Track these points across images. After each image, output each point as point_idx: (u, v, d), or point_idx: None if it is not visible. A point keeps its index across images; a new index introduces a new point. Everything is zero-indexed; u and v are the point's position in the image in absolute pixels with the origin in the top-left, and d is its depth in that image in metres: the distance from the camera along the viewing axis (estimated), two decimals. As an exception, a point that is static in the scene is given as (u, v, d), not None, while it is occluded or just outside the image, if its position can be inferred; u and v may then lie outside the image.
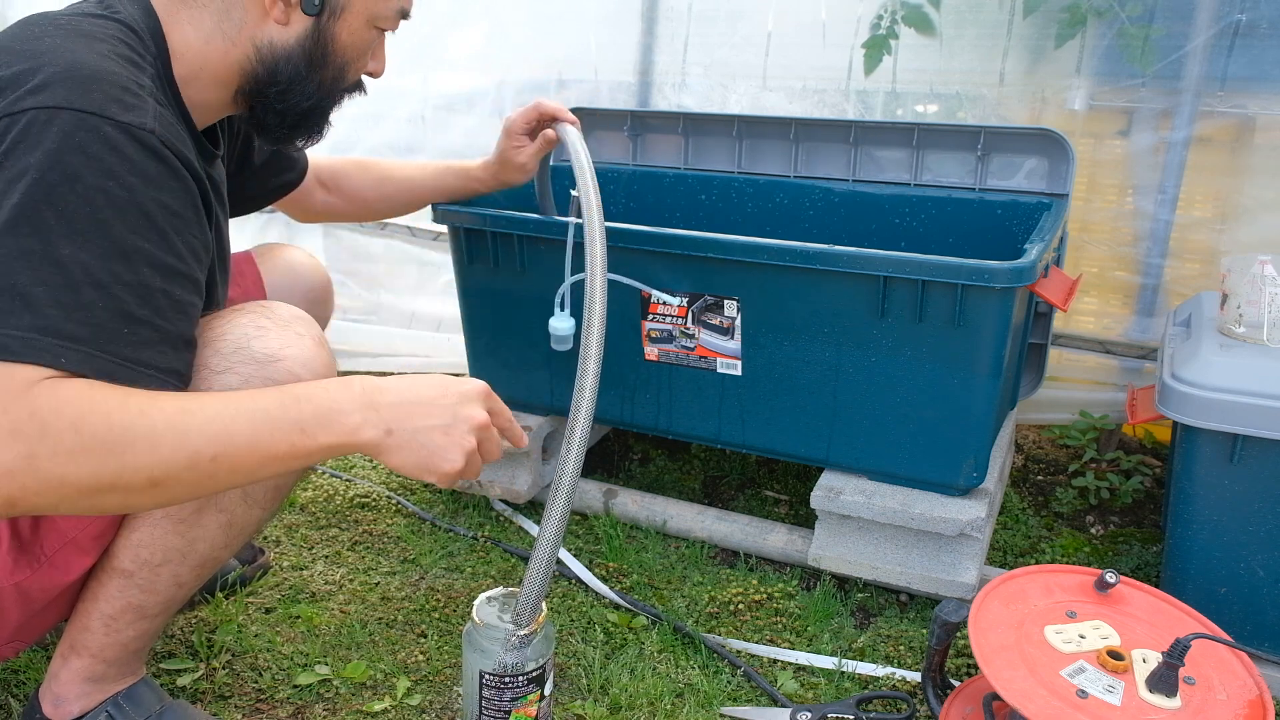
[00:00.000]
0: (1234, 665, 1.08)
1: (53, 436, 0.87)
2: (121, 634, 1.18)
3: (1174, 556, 1.50)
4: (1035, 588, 1.20)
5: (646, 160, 2.21)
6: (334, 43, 1.17)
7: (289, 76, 1.16)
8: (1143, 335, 2.06)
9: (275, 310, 1.16)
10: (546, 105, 1.56)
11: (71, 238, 0.91)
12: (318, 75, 1.18)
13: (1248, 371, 1.37)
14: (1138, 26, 1.93)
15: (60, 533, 1.09)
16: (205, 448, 0.93)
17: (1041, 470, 2.12)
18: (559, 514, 1.18)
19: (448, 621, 1.58)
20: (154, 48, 1.08)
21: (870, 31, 2.14)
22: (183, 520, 1.12)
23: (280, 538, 1.80)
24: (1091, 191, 2.07)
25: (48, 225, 0.91)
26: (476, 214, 1.74)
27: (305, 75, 1.17)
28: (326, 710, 1.38)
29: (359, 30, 1.19)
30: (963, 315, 1.45)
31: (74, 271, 0.91)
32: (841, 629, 1.58)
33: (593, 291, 1.24)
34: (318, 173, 1.64)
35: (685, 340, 1.68)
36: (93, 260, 0.92)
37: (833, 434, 1.64)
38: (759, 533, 1.76)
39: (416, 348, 2.55)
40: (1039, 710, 1.00)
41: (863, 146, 1.98)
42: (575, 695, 1.42)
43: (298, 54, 1.15)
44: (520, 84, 2.46)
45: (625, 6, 2.35)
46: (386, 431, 1.02)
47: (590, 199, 1.32)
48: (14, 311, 0.89)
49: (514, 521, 1.88)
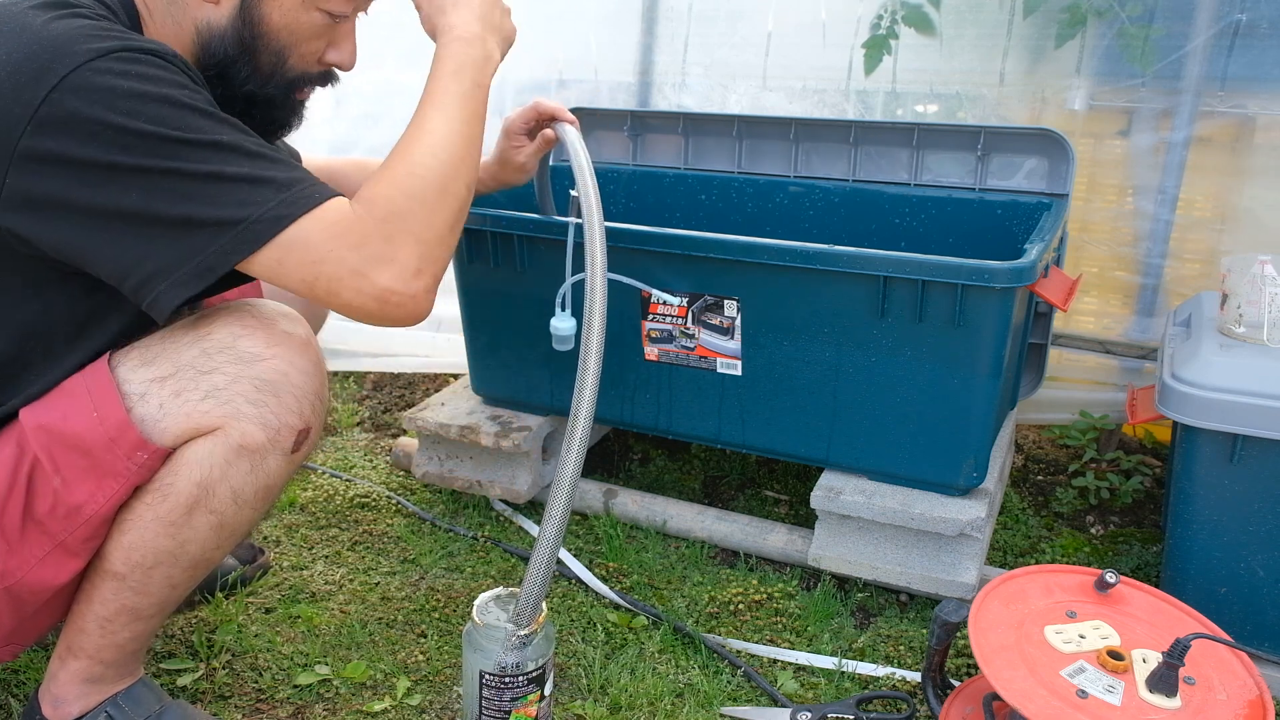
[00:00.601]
0: (1234, 665, 1.08)
1: (393, 203, 1.08)
2: (117, 635, 1.18)
3: (1174, 556, 1.50)
4: (1035, 588, 1.19)
5: (646, 160, 2.21)
6: (264, 23, 1.15)
7: (221, 58, 1.15)
8: (1143, 335, 2.06)
9: (262, 308, 1.16)
10: (545, 105, 1.56)
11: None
12: (251, 59, 1.16)
13: (1248, 371, 1.37)
14: (1138, 26, 1.93)
15: (49, 536, 1.09)
16: (462, 129, 1.16)
17: (1041, 470, 2.12)
18: (559, 514, 1.18)
19: (448, 621, 1.58)
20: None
21: (870, 31, 2.15)
22: (173, 523, 1.12)
23: (280, 538, 1.80)
24: (1091, 191, 2.07)
25: None
26: (476, 214, 1.74)
27: (236, 57, 1.15)
28: (326, 710, 1.38)
29: (293, 12, 1.16)
30: (963, 315, 1.45)
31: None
32: (841, 629, 1.58)
33: (593, 292, 1.24)
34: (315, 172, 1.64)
35: (685, 340, 1.68)
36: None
37: (833, 434, 1.64)
38: (759, 533, 1.76)
39: (416, 348, 2.55)
40: (1039, 710, 1.00)
41: (863, 146, 1.98)
42: (575, 695, 1.42)
43: (230, 35, 1.14)
44: (521, 84, 2.46)
45: (625, 6, 2.35)
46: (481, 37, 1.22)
47: (590, 199, 1.32)
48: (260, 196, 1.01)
49: (514, 521, 1.88)
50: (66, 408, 1.07)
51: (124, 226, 0.99)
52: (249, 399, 1.10)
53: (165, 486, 1.10)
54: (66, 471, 1.07)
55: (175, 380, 1.08)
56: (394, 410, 2.38)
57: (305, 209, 1.02)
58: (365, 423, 2.32)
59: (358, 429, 2.29)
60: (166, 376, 1.09)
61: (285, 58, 1.18)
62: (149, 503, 1.11)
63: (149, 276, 1.01)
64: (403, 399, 2.43)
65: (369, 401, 2.43)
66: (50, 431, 1.06)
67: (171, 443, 1.09)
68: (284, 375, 1.11)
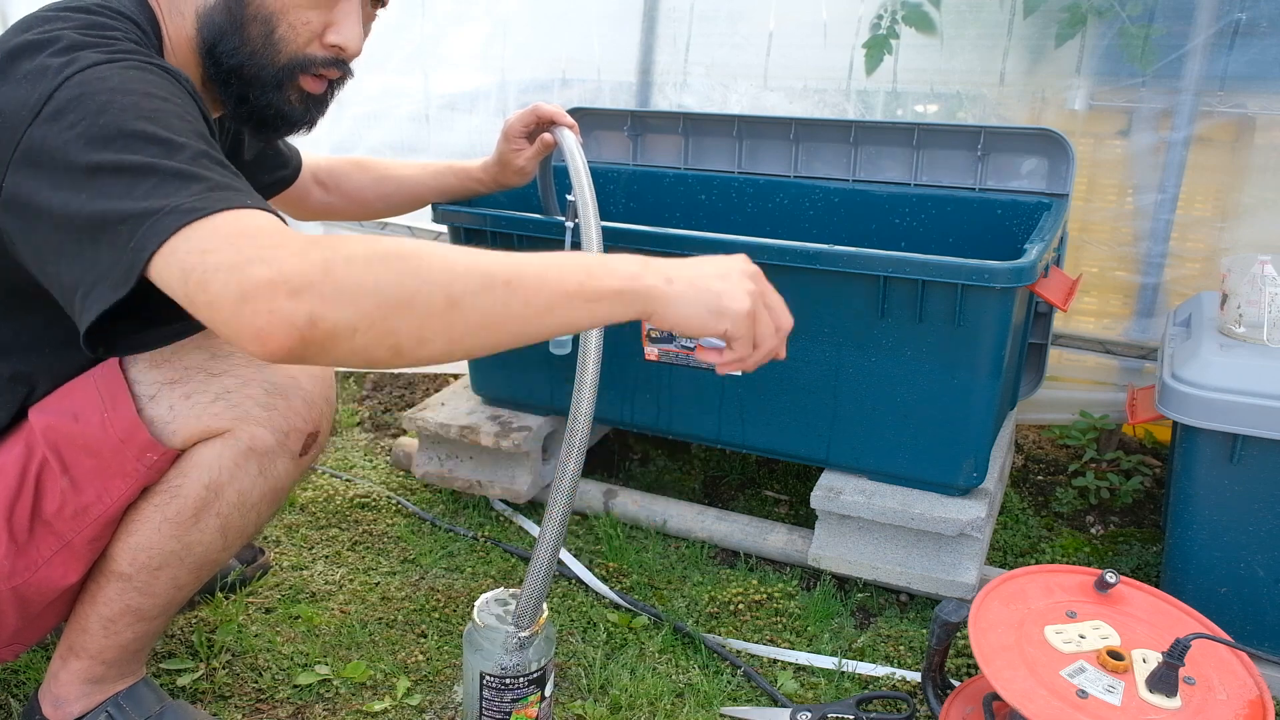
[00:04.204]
0: (1234, 665, 1.08)
1: (348, 246, 0.84)
2: (120, 636, 1.18)
3: (1174, 556, 1.50)
4: (1035, 588, 1.19)
5: (646, 160, 2.21)
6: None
7: (213, 32, 1.12)
8: (1143, 335, 2.06)
9: None
10: (544, 109, 1.56)
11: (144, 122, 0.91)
12: (240, 30, 1.11)
13: (1248, 371, 1.37)
14: (1138, 26, 1.93)
15: (57, 536, 1.09)
16: (499, 272, 0.89)
17: (1041, 470, 2.12)
18: (560, 516, 1.18)
19: (448, 621, 1.58)
20: (155, 42, 1.10)
21: (871, 31, 2.14)
22: (180, 524, 1.12)
23: (280, 538, 1.80)
24: (1091, 191, 2.07)
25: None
26: (476, 214, 1.74)
27: (225, 28, 1.11)
28: (326, 710, 1.38)
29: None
30: (963, 315, 1.45)
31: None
32: (841, 629, 1.58)
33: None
34: (315, 172, 1.64)
35: (685, 340, 1.68)
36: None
37: (833, 434, 1.64)
38: (759, 533, 1.76)
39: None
40: (1039, 710, 1.00)
41: (863, 146, 1.98)
42: (575, 695, 1.42)
43: (219, 8, 1.11)
44: (523, 83, 2.46)
45: (627, 6, 2.35)
46: (667, 280, 0.98)
47: (587, 205, 1.32)
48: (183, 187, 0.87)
49: (514, 521, 1.88)
50: (76, 407, 1.08)
51: (76, 233, 0.89)
52: (259, 402, 1.10)
53: (174, 488, 1.10)
54: (75, 472, 1.07)
55: (186, 382, 1.09)
56: (394, 410, 2.38)
57: (227, 206, 0.86)
58: (365, 423, 2.32)
59: (358, 429, 2.29)
60: (177, 378, 1.09)
61: (274, 26, 1.12)
62: (157, 504, 1.11)
63: (85, 289, 0.89)
64: (403, 399, 2.43)
65: (369, 401, 2.44)
66: (59, 431, 1.07)
67: (181, 444, 1.09)
68: (294, 379, 1.12)
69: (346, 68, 1.21)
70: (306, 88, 1.18)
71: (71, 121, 0.90)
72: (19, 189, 0.92)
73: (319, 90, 1.20)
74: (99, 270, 0.87)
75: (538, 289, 0.90)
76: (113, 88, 0.92)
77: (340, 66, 1.20)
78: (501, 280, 0.89)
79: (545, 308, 0.91)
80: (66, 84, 0.92)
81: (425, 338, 0.87)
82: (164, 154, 0.89)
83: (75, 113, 0.90)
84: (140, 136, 0.89)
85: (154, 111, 0.92)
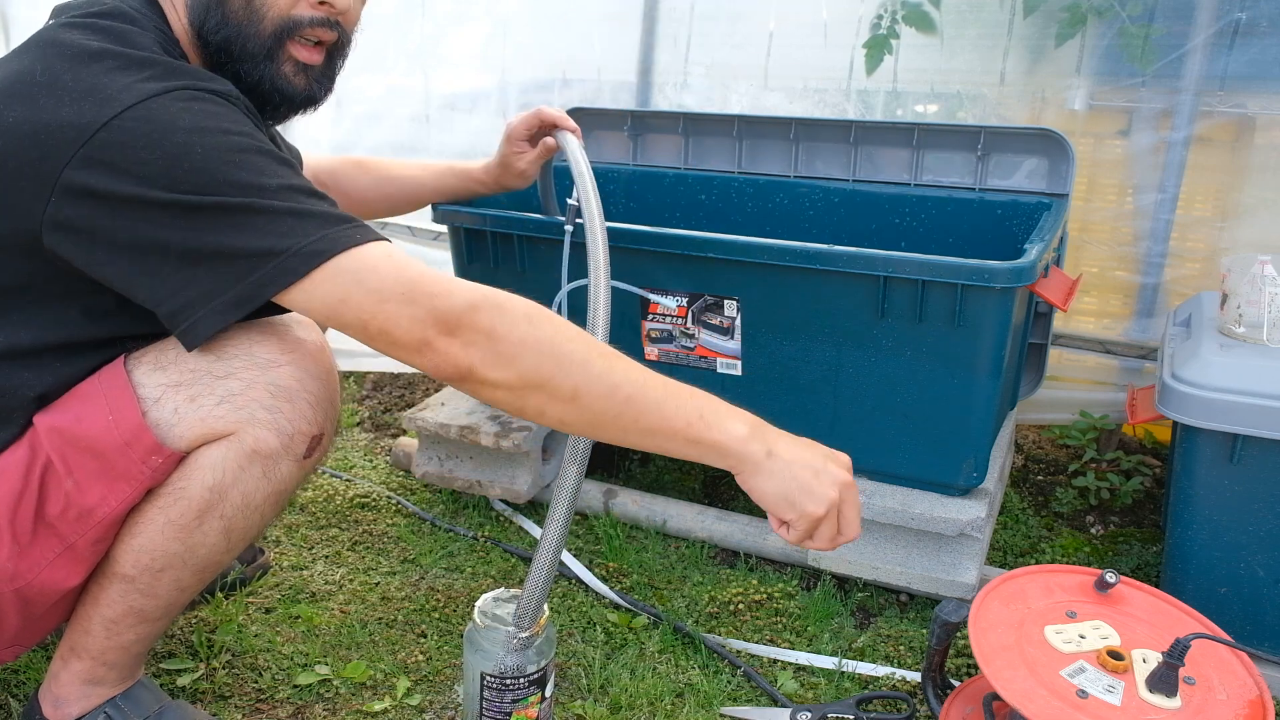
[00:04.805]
0: (1234, 665, 1.08)
1: (509, 321, 1.00)
2: (122, 637, 1.18)
3: (1174, 556, 1.50)
4: (1035, 588, 1.19)
5: (646, 160, 2.21)
6: None
7: (198, 13, 1.13)
8: (1143, 335, 2.06)
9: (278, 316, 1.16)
10: (547, 112, 1.56)
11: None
12: (221, 3, 1.12)
13: (1248, 371, 1.37)
14: (1138, 26, 1.93)
15: (60, 538, 1.09)
16: (624, 385, 1.02)
17: (1041, 470, 2.12)
18: (561, 517, 1.18)
19: (448, 621, 1.58)
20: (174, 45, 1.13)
21: (871, 31, 2.14)
22: (184, 526, 1.12)
23: (280, 538, 1.80)
24: (1091, 191, 2.07)
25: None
26: (476, 214, 1.74)
27: (210, 5, 1.12)
28: (326, 710, 1.38)
29: None
30: (962, 315, 1.45)
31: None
32: (841, 629, 1.58)
33: (596, 301, 1.24)
34: (315, 172, 1.64)
35: (685, 340, 1.68)
36: None
37: (833, 434, 1.63)
38: (759, 533, 1.76)
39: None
40: (1039, 710, 1.00)
41: (863, 146, 1.98)
42: (575, 695, 1.42)
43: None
44: (524, 83, 2.46)
45: (627, 6, 2.35)
46: (768, 453, 1.06)
47: (592, 211, 1.32)
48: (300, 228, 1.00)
49: (514, 522, 1.88)
50: (81, 410, 1.07)
51: (163, 257, 1.00)
52: (263, 404, 1.09)
53: (177, 490, 1.10)
54: (79, 474, 1.07)
55: (190, 385, 1.08)
56: (394, 410, 2.38)
57: (346, 246, 1.01)
58: (365, 423, 2.32)
59: (358, 429, 2.29)
60: (182, 381, 1.09)
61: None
62: (160, 506, 1.11)
63: (186, 304, 1.01)
64: (403, 399, 2.43)
65: (369, 401, 2.44)
66: (64, 433, 1.06)
67: (185, 447, 1.09)
68: (299, 381, 1.11)
69: (341, 29, 1.19)
70: (300, 57, 1.17)
71: (143, 159, 0.98)
72: (77, 215, 1.00)
73: (316, 60, 1.19)
74: (197, 290, 1.00)
75: (650, 413, 1.03)
76: (186, 128, 0.99)
77: (334, 27, 1.18)
78: (624, 395, 1.02)
79: (649, 430, 1.04)
80: (130, 112, 0.98)
81: (544, 412, 1.03)
82: (258, 193, 1.00)
83: (146, 150, 0.98)
84: (230, 184, 0.99)
85: (234, 150, 1.01)
